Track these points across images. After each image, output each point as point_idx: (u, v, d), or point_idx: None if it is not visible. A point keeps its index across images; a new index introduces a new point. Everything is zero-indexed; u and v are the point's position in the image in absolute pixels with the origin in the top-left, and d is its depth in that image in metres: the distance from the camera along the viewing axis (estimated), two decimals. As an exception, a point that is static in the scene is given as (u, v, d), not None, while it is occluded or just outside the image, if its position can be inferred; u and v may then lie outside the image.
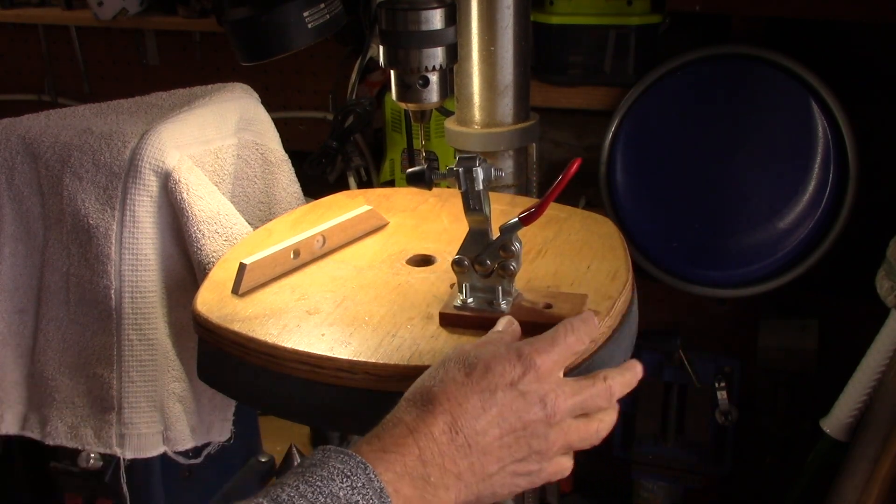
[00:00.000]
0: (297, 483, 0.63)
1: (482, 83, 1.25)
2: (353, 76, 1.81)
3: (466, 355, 0.73)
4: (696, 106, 1.63)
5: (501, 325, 0.79)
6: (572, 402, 0.73)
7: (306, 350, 0.82)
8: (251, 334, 0.85)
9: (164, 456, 1.19)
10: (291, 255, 0.98)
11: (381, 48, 1.05)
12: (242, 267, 0.93)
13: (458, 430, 0.68)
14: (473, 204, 0.83)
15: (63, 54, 2.37)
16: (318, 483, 0.63)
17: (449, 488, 0.68)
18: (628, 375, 0.78)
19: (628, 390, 0.78)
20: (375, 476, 0.64)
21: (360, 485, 0.63)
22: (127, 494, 1.20)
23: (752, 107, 1.60)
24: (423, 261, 1.00)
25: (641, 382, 0.80)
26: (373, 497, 0.63)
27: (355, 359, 0.80)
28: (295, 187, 1.35)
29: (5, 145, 1.18)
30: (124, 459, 1.18)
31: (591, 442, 0.76)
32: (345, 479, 0.63)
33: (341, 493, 0.62)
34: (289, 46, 1.48)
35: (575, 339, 0.76)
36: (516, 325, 0.80)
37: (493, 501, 0.72)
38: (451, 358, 0.73)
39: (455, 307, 0.85)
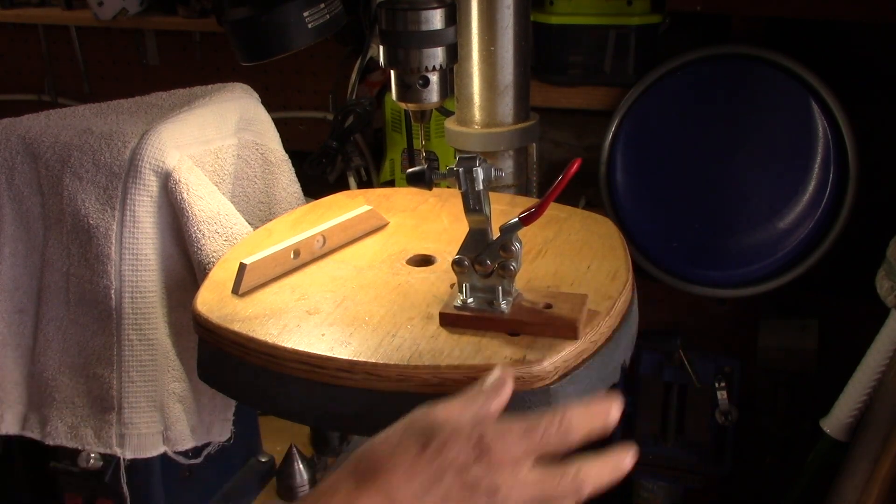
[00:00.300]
0: None
1: (482, 83, 1.25)
2: (353, 76, 1.81)
3: (429, 425, 0.68)
4: (696, 106, 1.63)
5: (492, 377, 0.74)
6: (528, 495, 0.67)
7: (306, 350, 0.82)
8: (251, 334, 0.85)
9: (164, 456, 1.19)
10: (291, 255, 0.98)
11: (381, 48, 1.05)
12: (242, 267, 0.93)
13: None
14: (473, 204, 0.83)
15: (63, 54, 2.37)
16: None
17: None
18: (607, 470, 0.71)
19: (604, 483, 0.71)
20: None
21: None
22: (127, 494, 1.20)
23: (752, 107, 1.60)
24: (423, 261, 1.00)
25: (642, 382, 0.79)
26: None
27: (355, 359, 0.80)
28: (295, 187, 1.35)
29: (5, 145, 1.18)
30: (124, 459, 1.18)
31: None
32: None
33: None
34: (289, 46, 1.48)
35: (557, 437, 0.69)
36: (507, 389, 0.73)
37: None
38: (416, 423, 0.69)
39: (455, 307, 0.85)
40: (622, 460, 0.72)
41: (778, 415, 1.83)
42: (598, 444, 0.72)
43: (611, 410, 0.72)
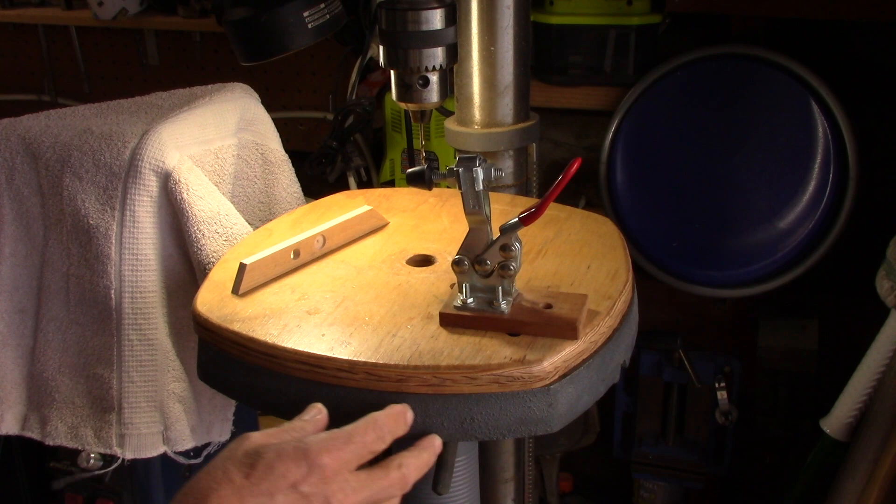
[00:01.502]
0: None
1: (482, 83, 1.25)
2: (353, 76, 1.81)
3: (251, 451, 0.69)
4: (697, 106, 1.63)
5: (308, 413, 0.76)
6: (360, 498, 0.70)
7: (306, 350, 0.82)
8: (251, 334, 0.85)
9: (164, 456, 1.19)
10: (291, 255, 0.98)
11: (381, 48, 1.05)
12: (242, 267, 0.93)
13: None
14: (473, 204, 0.83)
15: (63, 54, 2.37)
16: None
17: None
18: (425, 456, 0.75)
19: (426, 470, 0.76)
20: None
21: None
22: (127, 494, 1.20)
23: (752, 107, 1.60)
24: (423, 261, 1.00)
25: (642, 382, 0.79)
26: None
27: (355, 359, 0.80)
28: (295, 187, 1.35)
29: (5, 145, 1.18)
30: (124, 459, 1.18)
31: None
32: None
33: None
34: (289, 46, 1.48)
35: (374, 438, 0.72)
36: (322, 415, 0.76)
37: None
38: (236, 452, 0.70)
39: (455, 307, 0.85)
40: (433, 443, 0.77)
41: (778, 415, 1.83)
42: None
43: (406, 414, 0.77)
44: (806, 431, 1.73)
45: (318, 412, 0.77)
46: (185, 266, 1.16)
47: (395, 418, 0.75)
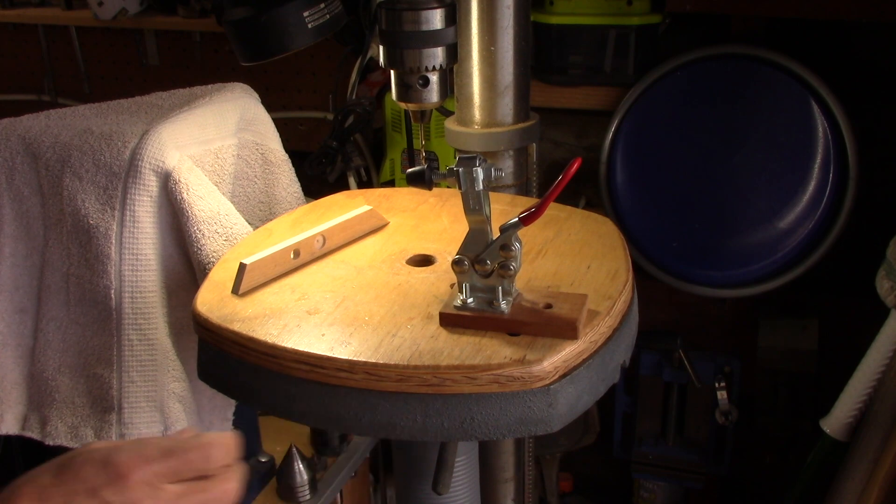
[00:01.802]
0: None
1: (482, 83, 1.25)
2: (353, 76, 1.82)
3: (69, 455, 0.70)
4: (697, 106, 1.63)
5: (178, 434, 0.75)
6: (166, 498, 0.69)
7: (306, 350, 0.82)
8: (251, 334, 0.85)
9: (164, 456, 1.19)
10: (291, 255, 0.98)
11: (381, 48, 1.05)
12: (242, 267, 0.93)
13: None
14: (473, 204, 0.83)
15: (63, 54, 2.37)
16: None
17: None
18: (242, 471, 0.75)
19: (231, 455, 0.74)
20: None
21: None
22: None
23: (752, 107, 1.60)
24: (423, 261, 1.00)
25: (642, 382, 0.79)
26: None
27: (355, 359, 0.80)
28: (295, 187, 1.35)
29: (5, 145, 1.18)
30: (124, 459, 1.18)
31: None
32: None
33: None
34: (289, 46, 1.48)
35: (199, 456, 0.71)
36: (187, 436, 0.74)
37: None
38: (59, 456, 0.70)
39: (455, 307, 0.85)
40: (240, 468, 0.75)
41: (778, 415, 1.83)
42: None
43: (234, 446, 0.74)
44: (806, 431, 1.73)
45: (185, 432, 0.76)
46: (185, 266, 1.16)
47: (226, 443, 0.73)
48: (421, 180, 0.89)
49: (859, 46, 1.66)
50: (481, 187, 0.82)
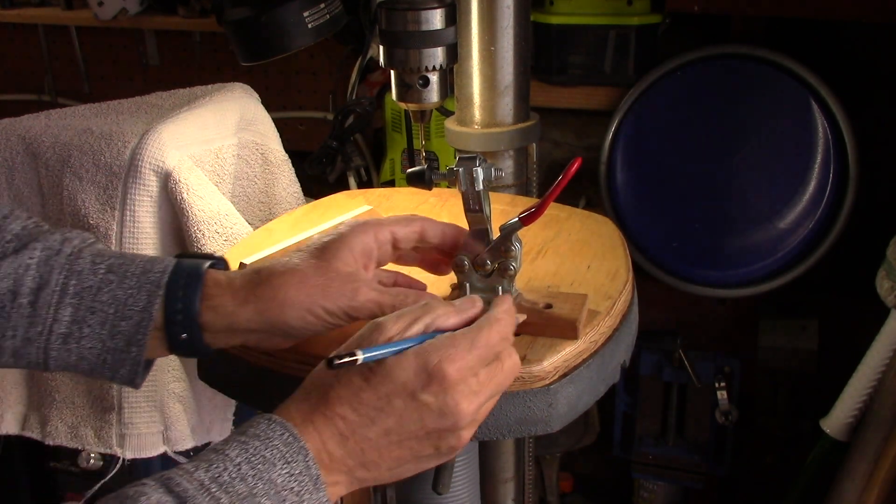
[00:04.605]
0: (239, 461, 0.63)
1: (482, 83, 1.25)
2: (353, 76, 1.81)
3: (369, 366, 0.69)
4: (697, 106, 1.63)
5: (471, 304, 0.74)
6: (481, 400, 0.70)
7: (306, 350, 0.82)
8: (251, 334, 0.85)
9: (164, 456, 1.19)
10: (291, 255, 0.98)
11: (381, 48, 1.05)
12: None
13: (349, 437, 0.67)
14: (473, 204, 0.83)
15: (63, 54, 2.37)
16: (260, 466, 0.63)
17: (339, 483, 0.68)
18: (513, 323, 0.74)
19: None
20: (314, 464, 0.65)
21: (297, 471, 0.64)
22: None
23: (752, 107, 1.60)
24: (424, 261, 1.00)
25: (642, 382, 0.79)
26: (308, 484, 0.64)
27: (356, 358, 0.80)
28: (295, 187, 1.35)
29: (5, 145, 1.18)
30: (124, 459, 1.18)
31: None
32: (285, 466, 0.63)
33: (279, 480, 0.63)
34: (289, 46, 1.48)
35: (497, 338, 0.71)
36: (477, 308, 0.74)
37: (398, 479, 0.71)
38: (355, 367, 0.69)
39: (455, 307, 0.85)
40: (505, 301, 0.75)
41: (778, 415, 1.83)
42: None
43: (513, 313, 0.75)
44: (806, 431, 1.73)
45: (471, 304, 0.74)
46: (185, 266, 1.16)
47: (511, 314, 0.74)
48: (421, 180, 0.89)
49: (859, 46, 1.66)
50: (481, 187, 0.82)
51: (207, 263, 0.77)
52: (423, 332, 0.70)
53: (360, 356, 0.66)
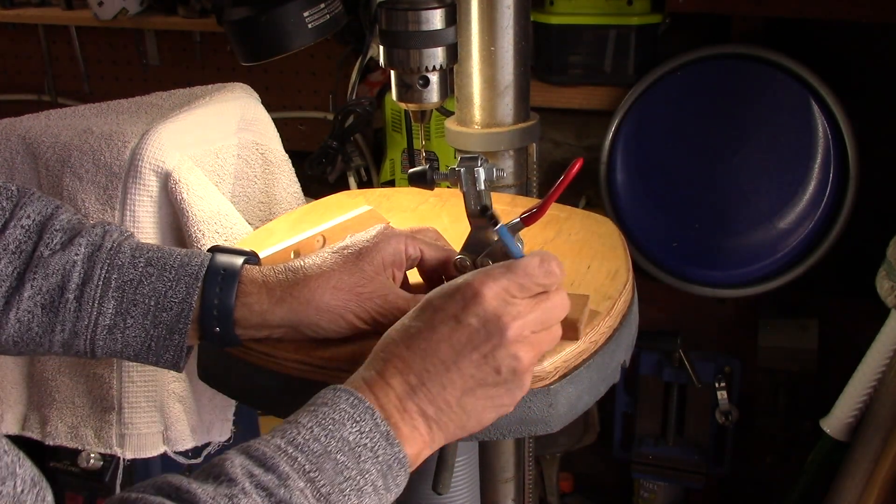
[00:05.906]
0: (311, 425, 0.66)
1: (482, 83, 1.25)
2: (353, 76, 1.81)
3: (425, 299, 0.73)
4: (696, 106, 1.63)
5: (530, 261, 0.74)
6: (527, 321, 0.71)
7: (306, 350, 0.82)
8: (251, 334, 0.85)
9: (164, 456, 1.19)
10: (291, 256, 0.98)
11: (381, 48, 1.05)
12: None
13: (408, 374, 0.70)
14: (475, 204, 0.83)
15: (63, 54, 2.37)
16: (331, 426, 0.66)
17: (417, 427, 0.70)
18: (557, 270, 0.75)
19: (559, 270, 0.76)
20: (382, 421, 0.68)
21: (367, 429, 0.67)
22: (127, 494, 1.20)
23: (752, 107, 1.60)
24: (424, 261, 0.99)
25: (642, 382, 0.79)
26: (380, 440, 0.67)
27: (356, 359, 0.80)
28: (295, 187, 1.35)
29: (5, 145, 1.18)
30: (124, 459, 1.18)
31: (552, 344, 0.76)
32: (354, 425, 0.67)
33: (350, 438, 0.66)
34: (289, 46, 1.48)
35: (542, 272, 0.72)
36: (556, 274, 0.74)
37: (482, 426, 0.73)
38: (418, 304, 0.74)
39: (455, 307, 0.85)
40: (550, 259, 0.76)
41: (778, 415, 1.83)
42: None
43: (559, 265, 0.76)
44: (806, 431, 1.73)
45: (540, 263, 0.74)
46: (186, 266, 1.16)
47: (558, 262, 0.74)
48: (423, 180, 0.89)
49: (859, 46, 1.66)
50: (483, 187, 0.82)
51: (242, 259, 0.81)
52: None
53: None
